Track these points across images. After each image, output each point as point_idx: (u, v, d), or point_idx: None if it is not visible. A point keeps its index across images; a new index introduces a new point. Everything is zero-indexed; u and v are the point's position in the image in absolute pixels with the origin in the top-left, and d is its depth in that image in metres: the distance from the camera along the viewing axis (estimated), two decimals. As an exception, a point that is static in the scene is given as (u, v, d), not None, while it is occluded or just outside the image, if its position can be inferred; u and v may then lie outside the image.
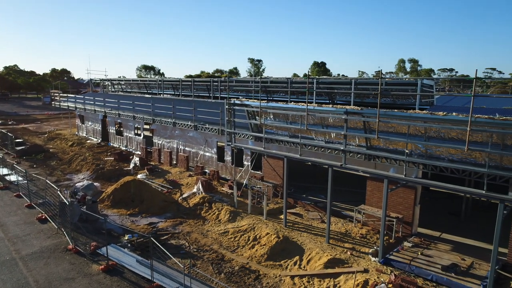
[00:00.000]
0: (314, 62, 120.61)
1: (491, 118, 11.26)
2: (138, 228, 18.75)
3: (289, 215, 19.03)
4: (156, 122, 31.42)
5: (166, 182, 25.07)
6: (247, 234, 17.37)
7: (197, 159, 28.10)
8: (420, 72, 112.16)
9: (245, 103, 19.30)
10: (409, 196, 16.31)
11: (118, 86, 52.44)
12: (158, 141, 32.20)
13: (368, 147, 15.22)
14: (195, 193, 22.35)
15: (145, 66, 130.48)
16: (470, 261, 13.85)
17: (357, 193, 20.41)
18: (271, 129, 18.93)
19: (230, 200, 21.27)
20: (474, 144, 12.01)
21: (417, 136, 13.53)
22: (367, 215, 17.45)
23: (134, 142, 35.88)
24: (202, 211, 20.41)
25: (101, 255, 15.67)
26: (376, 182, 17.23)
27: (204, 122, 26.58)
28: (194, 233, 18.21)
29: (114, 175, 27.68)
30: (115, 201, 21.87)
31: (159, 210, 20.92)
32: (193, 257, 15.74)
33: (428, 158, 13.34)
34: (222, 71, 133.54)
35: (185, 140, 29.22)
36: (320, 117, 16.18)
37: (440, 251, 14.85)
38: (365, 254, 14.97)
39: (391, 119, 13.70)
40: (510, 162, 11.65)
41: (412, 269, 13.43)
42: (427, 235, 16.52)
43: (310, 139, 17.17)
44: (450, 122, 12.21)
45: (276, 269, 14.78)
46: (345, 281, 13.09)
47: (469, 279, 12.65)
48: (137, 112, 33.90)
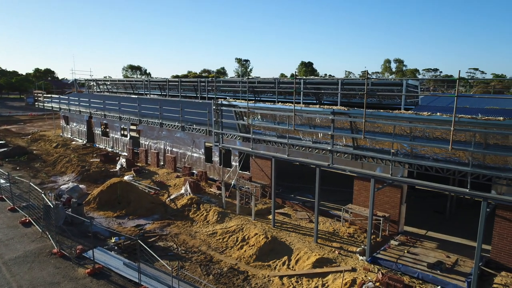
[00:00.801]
0: (302, 62, 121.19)
1: (474, 118, 11.50)
2: (125, 231, 18.53)
3: (278, 215, 19.07)
4: (143, 123, 31.09)
5: (153, 184, 24.84)
6: (236, 235, 17.34)
7: (184, 160, 27.93)
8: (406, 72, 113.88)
9: (232, 103, 19.26)
10: (395, 195, 16.53)
11: (103, 86, 51.72)
12: (145, 142, 31.88)
13: (355, 147, 15.37)
14: (183, 194, 22.21)
15: (131, 66, 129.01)
16: (455, 258, 14.12)
17: (345, 192, 20.59)
18: (259, 130, 18.95)
19: (218, 201, 21.20)
20: (457, 144, 12.24)
21: (402, 136, 13.72)
22: (355, 214, 17.61)
23: (120, 143, 35.45)
24: (190, 212, 20.29)
25: (87, 258, 15.43)
26: (363, 181, 17.41)
27: (192, 122, 26.43)
28: (182, 234, 18.09)
29: (100, 176, 27.29)
30: (101, 203, 21.57)
31: (147, 212, 20.71)
32: (181, 259, 15.63)
33: (414, 158, 13.55)
34: (209, 71, 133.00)
35: (172, 141, 29.00)
36: (307, 117, 16.26)
37: (426, 249, 15.10)
38: (353, 253, 15.11)
39: (377, 119, 13.86)
40: (493, 161, 11.92)
41: (399, 267, 13.62)
42: (413, 233, 16.77)
43: (298, 139, 17.24)
44: (435, 122, 12.42)
45: (264, 269, 14.79)
46: (333, 281, 13.19)
47: (454, 276, 12.90)
48: (123, 113, 33.48)
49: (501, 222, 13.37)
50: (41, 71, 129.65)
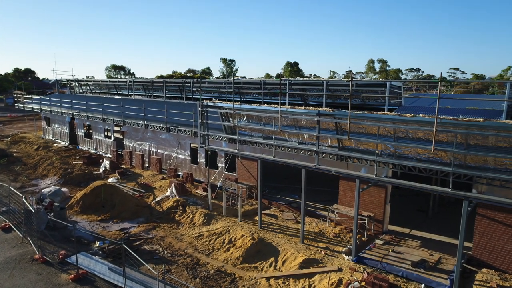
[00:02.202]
0: (287, 62, 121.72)
1: (455, 119, 11.75)
2: (109, 234, 18.24)
3: (264, 216, 19.10)
4: (127, 124, 30.67)
5: (138, 186, 24.52)
6: (222, 237, 17.28)
7: (170, 161, 27.68)
8: (389, 72, 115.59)
9: (218, 104, 19.18)
10: (380, 195, 16.76)
11: (86, 87, 50.81)
12: (129, 143, 31.45)
13: (340, 147, 15.51)
14: (169, 196, 22.01)
15: (114, 66, 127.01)
16: (438, 256, 14.40)
17: (331, 192, 20.75)
18: (245, 131, 18.93)
19: (205, 202, 21.09)
20: (440, 144, 12.49)
21: (386, 137, 13.93)
22: (340, 214, 17.78)
23: (104, 145, 34.88)
24: (176, 214, 20.12)
25: (70, 263, 15.13)
26: (348, 181, 17.59)
27: (177, 123, 26.21)
28: (168, 237, 17.92)
29: (83, 179, 26.80)
30: (84, 207, 21.17)
31: (131, 215, 20.44)
32: (167, 262, 15.48)
33: (397, 158, 13.77)
34: (194, 71, 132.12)
35: (157, 142, 28.70)
36: (293, 119, 16.33)
37: (410, 247, 15.36)
38: (339, 253, 15.25)
39: (362, 121, 14.03)
40: (473, 160, 12.21)
41: (384, 266, 13.81)
42: (398, 232, 17.04)
43: (284, 140, 17.29)
44: (417, 123, 12.64)
45: (251, 271, 14.79)
46: (319, 281, 13.28)
47: (437, 274, 13.16)
48: (106, 114, 32.95)
49: (482, 220, 13.71)
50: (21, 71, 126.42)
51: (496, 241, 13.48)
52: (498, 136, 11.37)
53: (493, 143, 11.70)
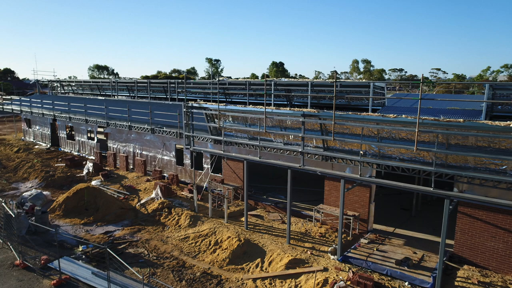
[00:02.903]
0: (273, 62, 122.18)
1: (436, 120, 11.99)
2: (93, 238, 17.93)
3: (250, 217, 19.09)
4: (111, 125, 30.21)
5: (122, 188, 24.18)
6: (208, 238, 17.20)
7: (155, 163, 27.39)
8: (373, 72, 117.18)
9: (203, 106, 19.07)
10: (365, 194, 16.97)
11: (68, 87, 49.85)
12: (113, 145, 30.98)
13: (325, 148, 15.64)
14: (154, 198, 21.78)
15: (97, 66, 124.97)
16: (421, 254, 14.67)
17: (316, 192, 20.91)
18: (230, 132, 18.89)
19: (190, 204, 20.95)
20: (422, 144, 12.73)
21: (370, 137, 14.11)
22: (326, 214, 17.92)
23: (87, 147, 34.27)
24: (161, 217, 19.92)
25: (53, 269, 14.80)
26: (333, 181, 17.75)
27: (162, 125, 25.96)
28: (154, 240, 17.72)
29: (66, 182, 26.27)
30: (67, 210, 20.75)
31: (116, 218, 20.13)
32: (152, 266, 15.32)
33: (381, 158, 13.96)
34: (179, 71, 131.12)
35: (142, 143, 28.36)
36: (279, 120, 16.38)
37: (394, 246, 15.60)
38: (325, 252, 15.37)
39: (346, 121, 14.17)
40: (454, 160, 12.49)
41: (369, 265, 13.98)
42: (382, 231, 17.28)
43: (269, 141, 17.33)
44: (400, 123, 12.85)
45: (238, 272, 14.76)
46: (305, 281, 13.35)
47: (420, 272, 13.40)
48: (89, 115, 32.40)
49: (463, 218, 14.03)
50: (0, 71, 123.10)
51: (477, 238, 13.81)
52: (477, 136, 11.64)
53: (473, 143, 11.99)
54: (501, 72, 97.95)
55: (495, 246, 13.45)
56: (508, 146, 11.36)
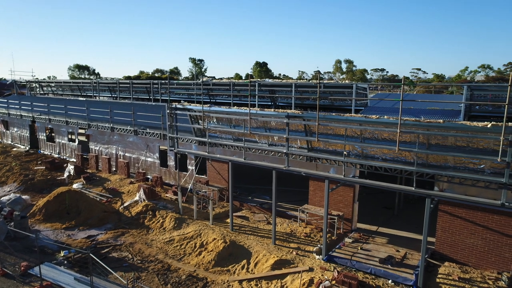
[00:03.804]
0: (256, 62, 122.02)
1: (417, 121, 12.25)
2: (75, 243, 17.58)
3: (236, 219, 19.06)
4: (92, 127, 29.65)
5: (105, 191, 23.77)
6: (194, 241, 17.09)
7: (138, 165, 27.02)
8: (355, 72, 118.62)
9: (187, 107, 18.94)
10: (349, 194, 17.18)
11: (47, 88, 48.65)
12: (95, 147, 30.41)
13: (309, 148, 15.76)
14: (137, 201, 21.48)
15: (78, 66, 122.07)
16: (403, 252, 14.96)
17: (301, 192, 21.03)
18: (215, 133, 18.81)
19: (175, 206, 20.77)
20: (403, 144, 12.98)
21: (354, 137, 14.30)
22: (311, 214, 18.06)
23: (68, 149, 33.54)
24: (145, 219, 19.68)
25: (33, 275, 14.44)
26: (318, 182, 17.90)
27: (145, 126, 25.64)
28: (138, 243, 17.50)
29: (46, 186, 25.66)
30: (48, 215, 20.27)
31: (99, 222, 19.79)
32: (137, 269, 15.13)
33: (364, 158, 14.18)
34: (162, 71, 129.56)
35: (124, 145, 27.93)
36: (263, 121, 16.41)
37: (378, 244, 15.85)
38: (310, 252, 15.49)
39: (330, 122, 14.33)
40: (435, 159, 12.79)
41: (353, 264, 14.17)
42: (366, 229, 17.54)
43: (254, 142, 17.35)
44: (383, 124, 13.08)
45: (224, 274, 14.73)
46: (291, 281, 13.43)
47: (403, 269, 13.67)
48: (70, 117, 31.72)
49: (444, 216, 14.37)
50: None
51: (457, 236, 14.17)
52: (456, 136, 11.95)
53: (452, 143, 12.31)
54: (479, 72, 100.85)
55: (474, 243, 13.83)
56: (486, 146, 11.71)
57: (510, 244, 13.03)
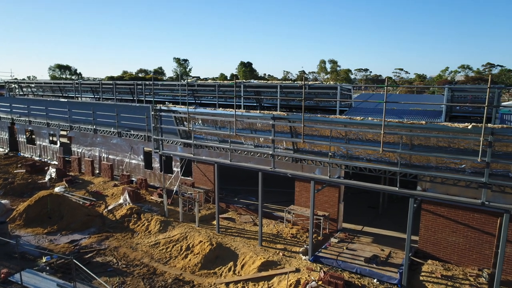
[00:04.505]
0: (241, 62, 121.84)
1: (400, 122, 12.45)
2: (57, 248, 17.20)
3: (222, 220, 18.99)
4: (74, 129, 29.07)
5: (88, 194, 23.33)
6: (180, 243, 16.95)
7: (122, 167, 26.63)
8: (340, 72, 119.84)
9: (172, 109, 18.76)
10: (334, 195, 17.34)
11: (27, 89, 47.45)
12: (77, 149, 29.81)
13: (295, 150, 15.83)
14: (122, 204, 21.17)
15: (59, 66, 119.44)
16: (388, 251, 15.19)
17: (287, 193, 21.10)
18: (200, 135, 18.70)
19: (160, 209, 20.55)
20: (387, 145, 13.17)
21: (339, 138, 14.44)
22: (297, 215, 18.14)
23: (49, 151, 32.78)
24: (130, 223, 19.41)
25: (14, 282, 14.04)
26: (303, 182, 18.00)
27: (129, 128, 25.29)
28: (123, 247, 17.25)
29: (26, 189, 25.02)
30: (29, 220, 19.76)
31: (82, 226, 19.41)
32: (122, 274, 14.91)
33: (349, 159, 14.33)
34: (146, 71, 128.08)
35: (108, 147, 27.48)
36: (249, 122, 16.40)
37: (363, 243, 16.05)
38: (296, 253, 15.56)
39: (315, 124, 14.42)
40: (418, 160, 13.03)
41: (339, 264, 14.31)
42: (351, 229, 17.73)
43: (240, 143, 17.32)
44: (367, 125, 13.24)
45: (210, 277, 14.66)
46: (278, 283, 13.46)
47: (388, 268, 13.88)
48: (51, 118, 31.01)
49: (427, 215, 14.66)
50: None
51: (439, 234, 14.48)
52: (438, 137, 12.20)
53: (434, 143, 12.55)
54: (459, 72, 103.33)
55: (456, 241, 14.15)
56: (466, 146, 11.99)
57: (490, 242, 13.38)
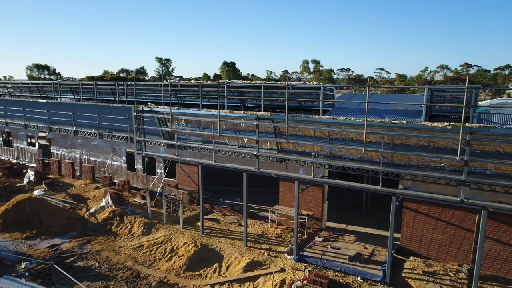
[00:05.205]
0: (224, 62, 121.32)
1: (382, 122, 12.65)
2: (37, 253, 16.75)
3: (207, 222, 18.88)
4: (54, 130, 28.37)
5: (69, 197, 22.81)
6: (164, 246, 16.77)
7: (104, 169, 26.15)
8: (322, 72, 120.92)
9: (154, 109, 18.53)
10: (318, 194, 17.49)
11: (4, 89, 46.03)
12: (57, 151, 29.11)
13: (279, 150, 15.88)
14: (104, 206, 20.78)
15: (37, 65, 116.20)
16: (371, 249, 15.42)
17: (271, 193, 21.14)
18: (184, 136, 18.54)
19: (144, 211, 20.27)
20: (369, 144, 13.36)
21: (322, 138, 14.56)
22: (281, 214, 18.21)
23: (27, 154, 31.89)
24: (112, 226, 19.08)
25: (-9, 290, 13.59)
26: (288, 182, 18.09)
27: (110, 129, 24.85)
28: (105, 251, 16.94)
29: (4, 193, 24.28)
30: (6, 224, 19.18)
31: (62, 230, 18.96)
32: (105, 278, 14.64)
33: (333, 159, 14.48)
34: (128, 70, 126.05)
35: (89, 149, 26.93)
36: (233, 123, 16.36)
37: (347, 242, 16.24)
38: (281, 253, 15.61)
39: (299, 124, 14.50)
40: (399, 159, 13.26)
41: (324, 263, 14.44)
42: (335, 228, 17.91)
43: (224, 144, 17.26)
44: (350, 125, 13.39)
45: (195, 279, 14.56)
46: (263, 283, 13.48)
47: (371, 266, 14.09)
48: (29, 120, 30.18)
49: (408, 213, 14.95)
50: None
51: (421, 231, 14.79)
52: (419, 137, 12.46)
53: (415, 143, 12.81)
54: (438, 72, 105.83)
55: (436, 237, 14.49)
56: (446, 145, 12.28)
57: (469, 238, 13.75)
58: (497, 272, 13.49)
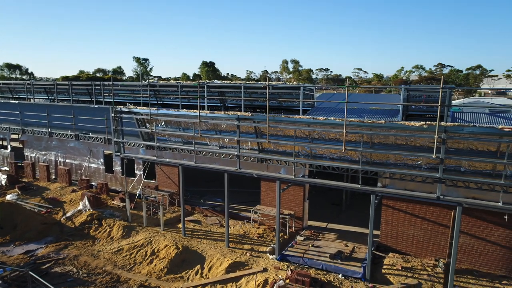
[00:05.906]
0: (203, 62, 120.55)
1: (361, 122, 12.86)
2: (11, 260, 16.15)
3: (188, 223, 18.70)
4: (27, 132, 27.43)
5: (44, 201, 22.10)
6: (144, 249, 16.50)
7: (81, 171, 25.48)
8: (301, 71, 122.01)
9: (133, 110, 18.19)
10: (299, 193, 17.62)
11: (-28, 90, 44.11)
12: (31, 154, 28.15)
13: (260, 150, 15.91)
14: (81, 210, 20.25)
15: (8, 65, 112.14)
16: (352, 246, 15.67)
17: (253, 193, 21.16)
18: (164, 137, 18.30)
19: (123, 214, 19.88)
20: (349, 144, 13.56)
21: (302, 138, 14.67)
22: (263, 214, 18.25)
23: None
24: (91, 230, 18.62)
25: (-39, 300, 13.04)
26: (269, 182, 18.14)
27: (87, 130, 24.25)
28: (83, 255, 16.52)
29: (-26, 198, 23.27)
30: (-23, 231, 18.42)
31: (38, 235, 18.37)
32: (83, 284, 14.28)
33: (313, 158, 14.62)
34: (105, 70, 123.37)
35: (65, 151, 26.18)
36: (213, 123, 16.26)
37: (328, 240, 16.44)
38: (263, 253, 15.64)
39: (279, 124, 14.56)
40: (378, 157, 13.53)
41: (305, 262, 14.56)
42: (316, 226, 18.10)
43: (205, 145, 17.14)
44: (330, 125, 13.56)
45: (177, 282, 14.40)
46: (246, 283, 13.47)
47: (352, 263, 14.31)
48: (1, 122, 29.06)
49: (387, 210, 15.28)
50: None
51: (399, 228, 15.14)
52: (396, 136, 12.74)
53: (393, 141, 13.10)
54: (413, 72, 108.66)
55: (414, 234, 14.87)
56: (422, 144, 12.61)
57: (445, 233, 14.17)
58: (472, 265, 13.97)
